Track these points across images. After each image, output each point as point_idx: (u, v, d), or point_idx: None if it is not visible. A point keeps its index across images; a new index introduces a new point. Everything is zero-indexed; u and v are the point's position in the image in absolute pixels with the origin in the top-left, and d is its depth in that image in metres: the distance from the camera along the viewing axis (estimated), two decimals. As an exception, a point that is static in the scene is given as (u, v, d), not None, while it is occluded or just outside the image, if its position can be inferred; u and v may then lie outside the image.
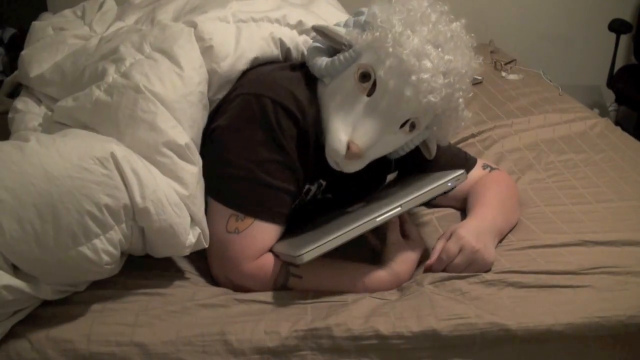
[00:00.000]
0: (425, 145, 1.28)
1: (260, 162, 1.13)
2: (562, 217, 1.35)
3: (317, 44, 1.23)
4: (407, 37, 1.10)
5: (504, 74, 2.38)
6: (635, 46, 3.20)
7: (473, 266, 1.16)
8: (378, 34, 1.12)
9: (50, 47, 1.60)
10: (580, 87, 3.14)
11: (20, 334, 1.01)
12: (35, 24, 1.81)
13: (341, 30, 1.19)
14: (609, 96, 3.25)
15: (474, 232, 1.17)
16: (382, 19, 1.13)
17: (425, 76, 1.09)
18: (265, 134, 1.13)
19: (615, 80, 3.07)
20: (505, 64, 2.45)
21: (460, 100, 1.17)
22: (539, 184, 1.52)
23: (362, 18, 1.18)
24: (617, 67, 3.13)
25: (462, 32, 1.17)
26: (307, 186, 1.25)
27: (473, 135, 1.83)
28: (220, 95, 1.23)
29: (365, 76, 1.14)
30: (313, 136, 1.17)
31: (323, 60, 1.18)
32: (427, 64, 1.10)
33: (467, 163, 1.38)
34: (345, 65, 1.16)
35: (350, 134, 1.12)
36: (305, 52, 1.28)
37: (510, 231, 1.31)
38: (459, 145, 1.71)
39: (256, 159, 1.13)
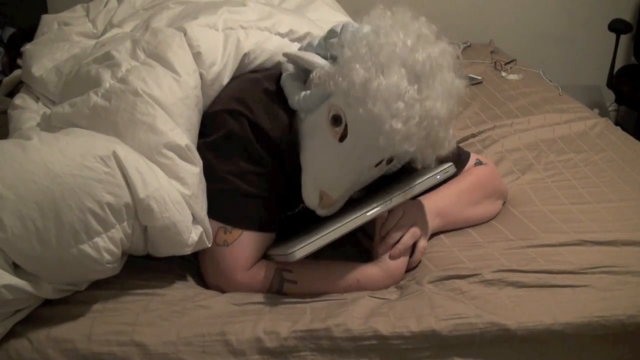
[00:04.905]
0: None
1: (242, 174, 1.14)
2: (562, 216, 1.35)
3: (290, 71, 1.18)
4: (378, 84, 1.02)
5: (504, 74, 2.38)
6: (635, 46, 3.20)
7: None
8: (346, 83, 1.05)
9: (51, 43, 1.61)
10: (580, 87, 3.14)
11: (20, 334, 1.01)
12: (45, 17, 1.83)
13: (312, 60, 1.13)
14: (609, 96, 3.25)
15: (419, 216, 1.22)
16: (348, 66, 1.05)
17: (399, 126, 1.02)
18: (245, 148, 1.13)
19: (615, 80, 3.07)
20: (505, 64, 2.45)
21: (441, 134, 1.08)
22: (539, 183, 1.52)
23: (334, 42, 1.12)
24: (617, 67, 3.13)
25: (443, 57, 1.07)
26: (301, 206, 1.25)
27: (473, 135, 1.83)
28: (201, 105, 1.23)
29: (337, 120, 1.09)
30: (292, 154, 1.16)
31: (295, 94, 1.14)
32: (401, 105, 1.02)
33: (459, 159, 1.37)
34: (317, 102, 1.12)
35: (323, 183, 1.11)
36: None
37: (474, 222, 1.33)
38: (460, 144, 1.71)
39: (238, 171, 1.14)
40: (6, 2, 2.62)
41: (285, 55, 1.18)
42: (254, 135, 1.13)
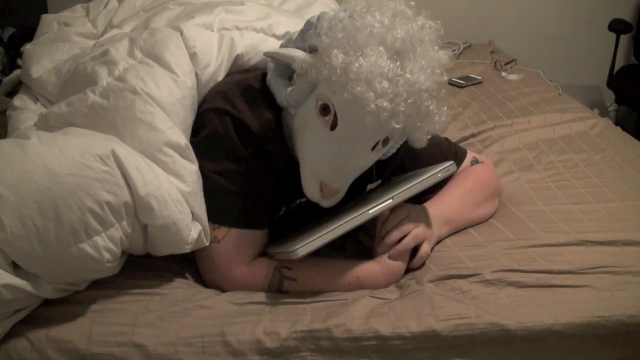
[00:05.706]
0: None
1: (225, 173, 1.14)
2: (562, 216, 1.35)
3: (274, 68, 1.17)
4: (359, 66, 1.02)
5: (504, 74, 2.39)
6: (635, 46, 3.20)
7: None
8: (327, 70, 1.04)
9: (51, 44, 1.61)
10: (580, 87, 3.14)
11: (20, 334, 1.01)
12: (45, 17, 1.83)
13: (291, 54, 1.11)
14: (609, 96, 3.25)
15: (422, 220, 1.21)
16: (326, 53, 1.04)
17: (385, 103, 1.01)
18: (227, 147, 1.14)
19: (615, 80, 3.07)
20: (505, 64, 2.46)
21: (431, 107, 1.10)
22: (539, 183, 1.52)
23: (312, 33, 1.11)
24: (617, 67, 3.13)
25: (423, 31, 1.06)
26: (299, 201, 1.25)
27: (473, 135, 1.83)
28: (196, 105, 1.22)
29: (325, 109, 1.08)
30: (280, 152, 1.16)
31: (282, 91, 1.14)
32: (385, 84, 1.01)
33: (455, 157, 1.37)
34: (304, 95, 1.12)
35: (321, 173, 1.11)
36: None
37: (476, 223, 1.33)
38: (460, 144, 1.71)
39: (221, 170, 1.14)
40: (6, 2, 2.62)
41: (266, 54, 1.17)
42: (237, 134, 1.13)
